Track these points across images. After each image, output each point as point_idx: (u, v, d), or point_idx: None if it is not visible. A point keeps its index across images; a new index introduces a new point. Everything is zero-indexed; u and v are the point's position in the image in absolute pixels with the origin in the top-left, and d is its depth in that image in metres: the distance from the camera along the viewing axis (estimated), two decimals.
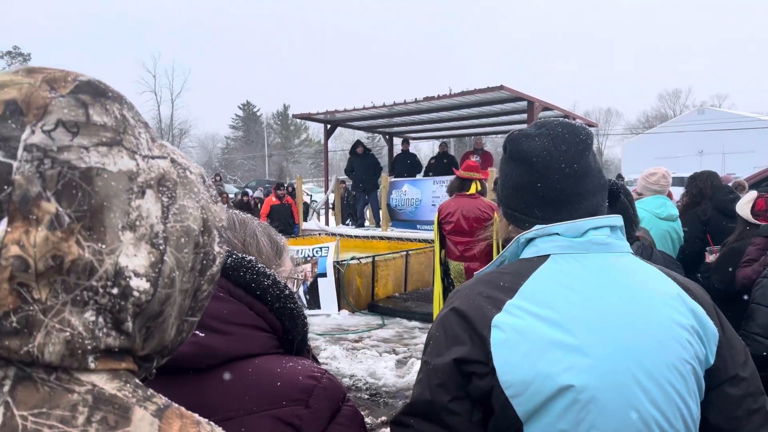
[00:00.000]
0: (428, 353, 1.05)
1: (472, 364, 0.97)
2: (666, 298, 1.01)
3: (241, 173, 57.79)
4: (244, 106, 69.58)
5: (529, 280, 1.01)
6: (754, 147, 33.75)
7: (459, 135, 17.09)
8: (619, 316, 0.97)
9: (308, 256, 8.39)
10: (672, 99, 66.87)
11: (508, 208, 1.16)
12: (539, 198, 1.09)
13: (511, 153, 1.14)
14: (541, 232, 1.06)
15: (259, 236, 1.09)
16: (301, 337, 0.98)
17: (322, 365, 0.98)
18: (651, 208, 3.76)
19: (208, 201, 0.53)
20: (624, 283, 1.01)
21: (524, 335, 0.95)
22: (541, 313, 0.96)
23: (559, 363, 0.92)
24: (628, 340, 0.95)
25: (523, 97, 10.21)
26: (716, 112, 43.96)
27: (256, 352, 0.91)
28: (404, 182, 11.89)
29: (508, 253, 1.12)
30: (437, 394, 0.99)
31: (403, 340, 6.87)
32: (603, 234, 1.05)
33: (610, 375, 0.92)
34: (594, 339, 0.94)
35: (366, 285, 8.57)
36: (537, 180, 1.09)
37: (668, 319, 0.98)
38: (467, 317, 1.00)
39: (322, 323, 7.64)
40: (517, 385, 0.93)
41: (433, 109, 11.60)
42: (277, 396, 0.86)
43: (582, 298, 0.98)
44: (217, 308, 0.91)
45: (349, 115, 12.27)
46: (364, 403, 4.91)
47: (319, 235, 11.94)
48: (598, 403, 0.91)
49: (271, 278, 0.96)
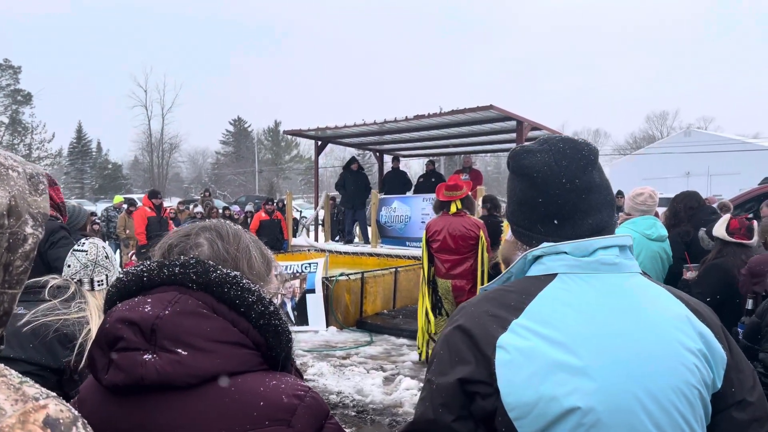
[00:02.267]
0: (432, 371, 1.03)
1: (477, 384, 0.96)
2: (674, 320, 1.00)
3: (231, 189, 57.58)
4: (235, 122, 69.53)
5: (536, 300, 0.99)
6: (740, 169, 34.22)
7: (449, 153, 17.17)
8: (626, 339, 0.96)
9: (297, 272, 8.35)
10: (659, 121, 67.73)
11: (515, 225, 1.16)
12: (541, 213, 1.08)
13: (513, 168, 1.13)
14: (549, 250, 1.05)
15: (252, 251, 1.09)
16: (285, 353, 0.98)
17: (309, 382, 0.98)
18: (641, 229, 3.80)
19: (25, 192, 0.63)
20: (632, 304, 1.00)
21: (529, 357, 0.93)
22: (547, 333, 0.95)
23: (564, 386, 0.91)
24: (634, 364, 0.94)
25: (512, 117, 10.30)
26: (702, 134, 44.54)
27: (239, 369, 0.91)
28: (394, 199, 11.91)
29: (515, 269, 1.10)
30: (440, 414, 0.98)
31: (390, 357, 6.83)
32: (612, 254, 1.04)
33: (615, 398, 0.91)
34: (599, 362, 0.93)
35: (355, 301, 8.53)
36: (538, 195, 1.08)
37: (676, 342, 0.97)
38: (472, 336, 0.99)
39: (310, 339, 7.58)
40: (521, 408, 0.92)
41: (423, 127, 11.66)
42: (260, 416, 0.86)
43: (588, 319, 0.97)
44: (200, 326, 0.91)
45: (339, 131, 12.30)
46: (351, 420, 4.86)
47: (308, 251, 11.89)
48: (603, 427, 0.90)
49: (255, 294, 0.96)
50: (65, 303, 1.95)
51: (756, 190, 7.80)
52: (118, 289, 1.00)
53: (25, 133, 41.97)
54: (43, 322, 1.84)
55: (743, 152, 37.00)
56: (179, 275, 0.96)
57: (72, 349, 1.84)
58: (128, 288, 0.99)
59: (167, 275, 0.97)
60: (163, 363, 0.88)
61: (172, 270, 0.97)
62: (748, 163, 34.47)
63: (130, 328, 0.90)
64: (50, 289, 1.97)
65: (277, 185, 58.32)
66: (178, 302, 0.94)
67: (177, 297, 0.95)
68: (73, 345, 1.85)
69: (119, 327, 0.91)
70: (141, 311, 0.92)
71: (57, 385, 1.84)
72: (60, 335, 1.85)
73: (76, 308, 1.95)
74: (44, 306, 1.89)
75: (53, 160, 42.87)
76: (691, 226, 4.41)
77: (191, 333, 0.90)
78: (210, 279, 0.95)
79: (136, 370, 0.88)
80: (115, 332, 0.91)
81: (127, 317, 0.91)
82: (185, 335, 0.90)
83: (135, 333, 0.90)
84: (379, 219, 11.84)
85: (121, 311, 0.94)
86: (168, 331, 0.90)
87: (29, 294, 1.93)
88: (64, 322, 1.87)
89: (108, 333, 0.92)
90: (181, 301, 0.94)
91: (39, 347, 1.81)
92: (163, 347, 0.89)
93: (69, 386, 1.83)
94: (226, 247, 1.06)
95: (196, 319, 0.91)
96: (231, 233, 1.09)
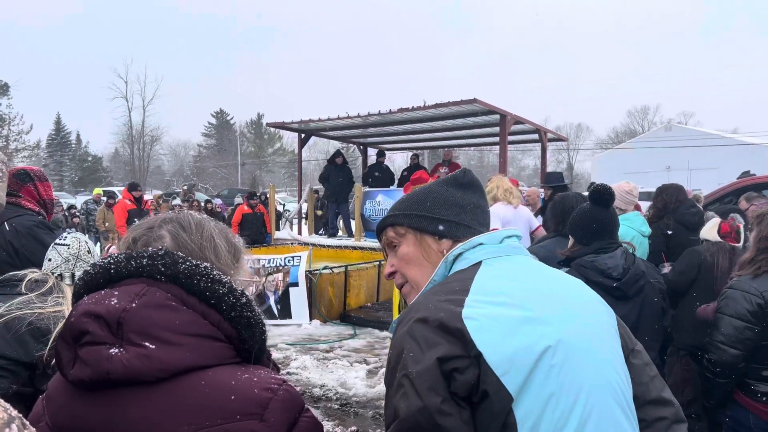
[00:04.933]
0: (404, 366, 1.03)
1: (454, 360, 1.00)
2: (580, 283, 1.24)
3: (213, 182, 57.07)
4: (218, 114, 68.94)
5: (476, 280, 1.11)
6: (719, 163, 34.68)
7: (433, 147, 17.19)
8: (561, 294, 1.14)
9: (280, 266, 8.31)
10: (640, 115, 68.40)
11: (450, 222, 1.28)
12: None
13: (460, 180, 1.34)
14: (467, 245, 1.19)
15: (217, 239, 1.06)
16: (258, 345, 0.95)
17: (292, 375, 0.96)
18: (636, 225, 3.84)
19: None
20: (550, 273, 1.21)
21: (495, 319, 1.03)
22: (499, 300, 1.07)
23: (531, 334, 1.03)
24: (574, 309, 1.12)
25: (496, 111, 10.33)
26: (683, 129, 45.03)
27: (210, 363, 0.89)
28: (378, 192, 11.90)
29: (437, 276, 1.20)
30: (429, 397, 0.98)
31: (374, 350, 6.83)
32: (515, 241, 1.25)
33: (573, 336, 1.06)
34: (550, 311, 1.08)
35: (338, 295, 8.52)
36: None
37: (593, 296, 1.21)
38: (436, 320, 1.04)
39: (293, 333, 7.56)
40: (504, 363, 0.99)
41: (407, 120, 11.66)
42: (231, 410, 0.84)
43: (525, 284, 1.13)
44: (168, 318, 0.88)
45: (323, 124, 12.25)
46: (334, 413, 4.86)
47: (291, 244, 11.83)
48: (571, 360, 1.03)
49: (227, 286, 0.94)
50: (42, 297, 1.91)
51: (734, 184, 7.92)
52: (85, 282, 0.97)
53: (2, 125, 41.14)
54: (17, 316, 1.80)
55: (723, 147, 37.54)
56: (147, 267, 0.93)
57: (45, 343, 1.80)
58: (95, 281, 0.96)
59: (135, 267, 0.94)
60: (130, 357, 0.85)
61: (140, 262, 0.94)
62: (727, 157, 34.96)
63: (96, 322, 0.88)
64: (27, 283, 1.93)
65: (260, 178, 58.01)
66: (146, 294, 0.91)
67: (144, 289, 0.92)
68: (46, 339, 1.81)
69: (84, 320, 0.88)
70: (107, 304, 0.89)
71: (28, 380, 1.80)
72: (33, 329, 1.81)
73: (52, 302, 1.91)
74: (19, 299, 1.86)
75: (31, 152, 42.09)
76: (672, 219, 4.46)
77: (159, 326, 0.87)
78: (179, 270, 0.93)
79: (102, 365, 0.85)
80: (80, 326, 0.88)
81: (92, 310, 0.89)
82: (153, 328, 0.87)
83: (101, 326, 0.87)
84: (364, 212, 11.82)
85: (86, 304, 0.91)
86: (135, 324, 0.88)
87: (5, 287, 1.90)
88: (38, 316, 1.84)
89: (73, 327, 0.89)
90: (149, 293, 0.91)
91: (11, 341, 1.77)
92: (130, 341, 0.87)
93: (41, 381, 1.79)
94: (189, 237, 1.04)
95: (164, 311, 0.89)
96: (193, 223, 1.07)
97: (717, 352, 2.61)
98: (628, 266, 2.54)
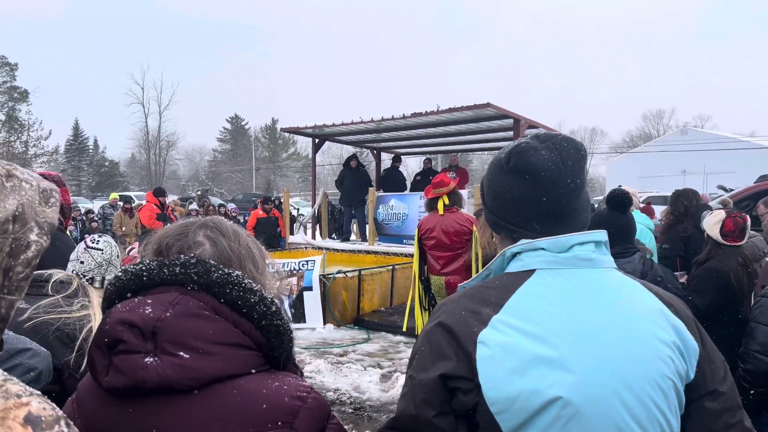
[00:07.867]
0: (413, 368, 1.05)
1: (458, 379, 0.97)
2: (649, 313, 1.03)
3: (228, 186, 57.41)
4: (232, 120, 69.34)
5: (515, 296, 1.01)
6: (735, 167, 34.23)
7: (446, 151, 17.14)
8: (603, 332, 0.98)
9: (294, 270, 8.34)
10: (656, 119, 67.75)
11: (502, 220, 1.14)
12: (542, 212, 1.08)
13: (516, 165, 1.10)
14: (527, 247, 1.06)
15: (253, 248, 1.07)
16: (287, 353, 0.97)
17: (307, 379, 0.98)
18: (640, 219, 3.89)
19: (34, 202, 0.64)
20: (608, 299, 1.02)
21: (509, 351, 0.95)
22: (526, 328, 0.97)
23: (544, 379, 0.93)
24: (610, 356, 0.96)
25: (509, 115, 10.28)
26: (699, 133, 44.53)
27: (242, 371, 0.90)
28: (391, 197, 11.89)
29: (494, 266, 1.11)
30: (422, 410, 0.99)
31: (388, 355, 6.83)
32: (588, 249, 1.06)
33: (594, 390, 0.94)
34: (578, 355, 0.95)
35: (352, 299, 8.53)
36: (543, 194, 1.07)
37: (650, 335, 1.00)
38: (453, 332, 1.00)
39: (307, 337, 7.57)
40: (502, 402, 0.93)
41: (420, 125, 11.64)
42: (263, 419, 0.85)
43: (566, 314, 0.99)
44: (201, 328, 0.89)
45: (337, 129, 12.26)
46: (348, 417, 4.87)
47: (305, 248, 11.86)
48: (582, 418, 0.92)
49: (257, 295, 0.94)
50: (68, 300, 1.91)
51: (752, 188, 7.83)
52: (117, 288, 0.97)
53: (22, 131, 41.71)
54: (45, 320, 1.81)
55: (739, 150, 37.07)
56: (180, 275, 0.94)
57: (72, 349, 1.82)
58: (127, 287, 0.96)
59: (167, 275, 0.94)
60: (165, 366, 0.86)
61: (172, 270, 0.94)
62: (743, 161, 34.53)
63: (130, 331, 0.89)
64: (53, 284, 1.93)
65: (274, 183, 58.17)
66: (180, 304, 0.92)
67: (178, 298, 0.93)
68: (73, 345, 1.83)
69: (119, 329, 0.89)
70: (141, 313, 0.90)
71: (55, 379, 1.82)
72: (61, 334, 1.83)
73: (78, 306, 1.92)
74: (46, 302, 1.86)
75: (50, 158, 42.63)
76: (690, 223, 4.44)
77: (193, 335, 0.88)
78: (211, 279, 0.93)
79: (137, 374, 0.86)
80: (115, 334, 0.89)
81: (127, 319, 0.90)
82: (187, 338, 0.88)
83: (136, 335, 0.88)
84: (377, 217, 11.83)
85: (120, 312, 0.92)
86: (169, 333, 0.88)
87: (32, 287, 1.89)
88: (65, 321, 1.84)
89: (108, 335, 0.90)
90: (182, 302, 0.92)
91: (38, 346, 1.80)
92: (164, 350, 0.88)
93: (69, 383, 1.81)
94: (230, 244, 1.03)
95: (198, 321, 0.89)
96: (231, 230, 1.06)
97: (753, 361, 2.55)
98: (645, 271, 2.54)
